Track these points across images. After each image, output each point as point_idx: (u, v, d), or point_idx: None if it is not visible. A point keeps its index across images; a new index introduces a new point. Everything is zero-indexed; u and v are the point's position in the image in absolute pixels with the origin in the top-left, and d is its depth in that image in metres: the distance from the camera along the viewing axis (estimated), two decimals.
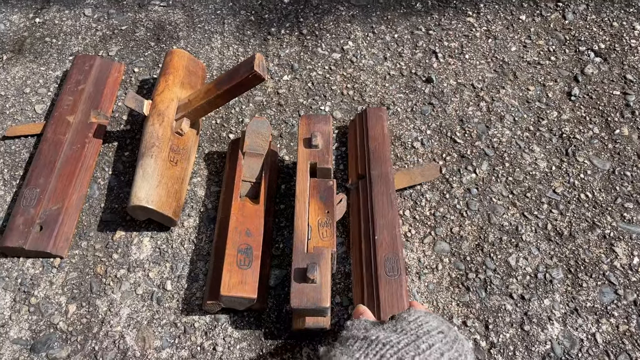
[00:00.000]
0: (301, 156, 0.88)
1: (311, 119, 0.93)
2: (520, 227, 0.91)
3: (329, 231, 0.81)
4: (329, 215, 0.83)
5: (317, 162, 0.87)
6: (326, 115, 0.95)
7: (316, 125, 0.92)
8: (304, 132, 0.91)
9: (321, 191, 0.87)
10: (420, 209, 0.94)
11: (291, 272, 0.74)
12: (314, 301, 0.71)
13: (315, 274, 0.72)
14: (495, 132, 1.04)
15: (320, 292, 0.71)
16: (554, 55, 1.16)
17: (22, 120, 1.09)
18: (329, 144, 0.89)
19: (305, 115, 0.94)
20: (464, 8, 1.27)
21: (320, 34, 1.24)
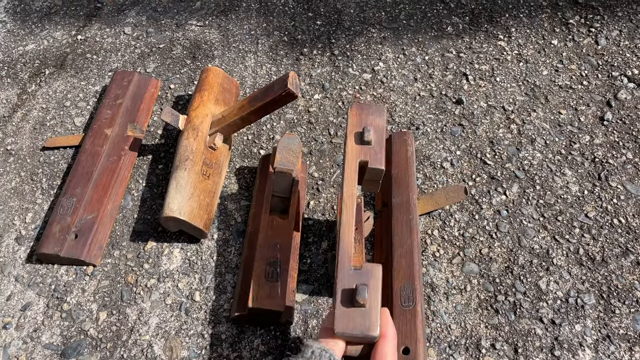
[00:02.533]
0: (350, 153, 0.71)
1: (363, 109, 0.76)
2: (551, 251, 0.90)
3: (358, 247, 0.81)
4: (357, 232, 0.84)
5: (368, 160, 0.71)
6: (380, 105, 0.77)
7: (369, 117, 0.75)
8: (355, 125, 0.74)
9: None
10: (449, 229, 0.94)
11: (335, 290, 0.62)
12: (362, 328, 0.58)
13: (366, 298, 0.60)
14: (526, 154, 1.04)
15: (370, 317, 0.59)
16: (587, 80, 1.16)
17: (61, 132, 1.12)
18: (382, 141, 0.72)
19: (356, 105, 0.77)
20: (495, 32, 1.28)
21: (351, 54, 1.26)
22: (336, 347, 0.56)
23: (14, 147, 1.11)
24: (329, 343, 0.56)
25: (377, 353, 0.56)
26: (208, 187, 0.93)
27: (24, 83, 1.24)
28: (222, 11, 1.40)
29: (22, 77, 1.25)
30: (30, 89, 1.22)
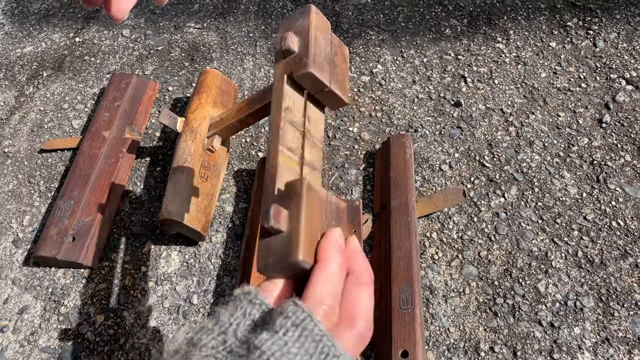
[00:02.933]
0: (277, 73, 0.59)
1: (288, 20, 0.61)
2: (550, 253, 0.90)
3: None
4: (355, 235, 0.83)
5: (292, 70, 0.56)
6: (307, 5, 0.60)
7: (292, 24, 0.59)
8: (279, 41, 0.58)
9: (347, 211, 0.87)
10: (447, 231, 0.93)
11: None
12: (280, 256, 0.44)
13: (279, 221, 0.45)
14: (524, 157, 1.03)
15: (290, 242, 0.44)
16: (585, 83, 1.16)
17: (59, 135, 1.12)
18: (310, 42, 0.56)
19: (285, 19, 0.61)
20: (494, 34, 1.28)
21: (349, 57, 1.26)
22: (271, 288, 0.43)
23: (12, 149, 1.10)
24: (263, 285, 0.44)
25: (309, 280, 0.42)
26: (206, 189, 0.93)
27: (21, 85, 1.24)
28: (221, 13, 1.40)
29: (20, 80, 1.25)
30: (28, 92, 1.22)
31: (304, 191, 0.46)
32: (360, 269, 0.45)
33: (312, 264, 0.44)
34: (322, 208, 0.48)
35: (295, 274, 0.45)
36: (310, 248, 0.44)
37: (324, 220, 0.47)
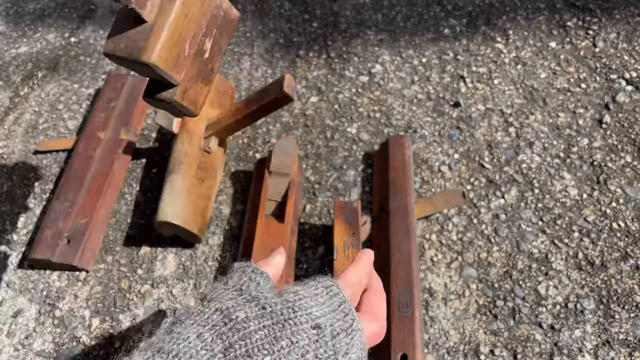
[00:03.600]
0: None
1: None
2: (550, 255, 0.89)
3: (355, 252, 0.80)
4: (354, 237, 0.82)
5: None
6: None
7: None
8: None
9: (346, 213, 0.86)
10: (447, 233, 0.92)
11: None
12: (132, 49, 0.37)
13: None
14: (524, 158, 1.03)
15: (147, 37, 0.37)
16: (585, 83, 1.15)
17: (54, 136, 1.11)
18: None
19: None
20: (493, 34, 1.27)
21: (348, 57, 1.25)
22: (268, 266, 0.45)
23: (6, 150, 1.09)
24: (262, 262, 0.46)
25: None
26: (203, 191, 0.91)
27: (16, 86, 1.22)
28: None
29: (15, 80, 1.24)
30: (23, 92, 1.21)
31: None
32: (379, 283, 0.49)
33: (166, 73, 0.38)
34: (204, 8, 0.39)
35: (148, 80, 0.40)
36: (169, 53, 0.37)
37: (202, 25, 0.39)
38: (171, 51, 0.38)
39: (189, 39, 0.39)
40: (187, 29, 0.38)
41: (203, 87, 0.42)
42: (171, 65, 0.38)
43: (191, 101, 0.41)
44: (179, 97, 0.40)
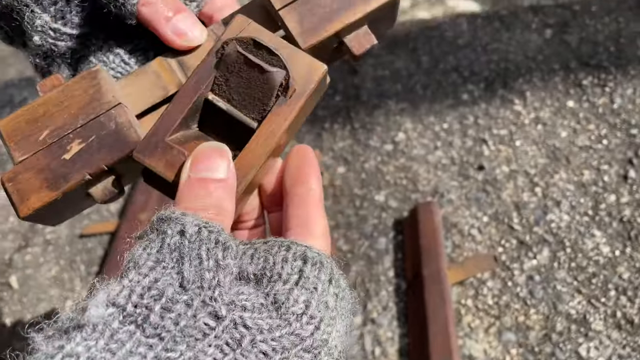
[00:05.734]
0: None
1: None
2: (589, 315, 0.89)
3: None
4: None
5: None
6: None
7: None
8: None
9: None
10: (482, 297, 0.93)
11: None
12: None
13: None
14: (553, 217, 1.04)
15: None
16: (606, 139, 1.17)
17: (97, 219, 1.17)
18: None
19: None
20: (510, 97, 1.31)
21: (371, 127, 1.30)
22: (208, 208, 0.28)
23: (53, 236, 1.15)
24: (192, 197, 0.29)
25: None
26: None
27: None
28: None
29: None
30: None
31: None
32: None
33: (6, 144, 0.34)
34: (87, 109, 0.34)
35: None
36: (17, 126, 0.34)
37: (77, 123, 0.33)
38: (20, 124, 0.33)
39: (51, 125, 0.33)
40: (52, 114, 0.33)
41: (43, 187, 0.32)
42: (14, 136, 0.33)
43: (18, 192, 0.33)
44: (6, 177, 0.33)
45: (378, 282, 0.99)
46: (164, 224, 0.26)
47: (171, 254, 0.25)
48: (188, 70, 0.34)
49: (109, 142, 0.33)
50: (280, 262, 0.27)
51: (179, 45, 0.34)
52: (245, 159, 0.31)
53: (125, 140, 0.32)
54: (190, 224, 0.26)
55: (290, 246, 0.28)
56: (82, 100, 0.33)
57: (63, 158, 0.32)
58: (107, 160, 0.32)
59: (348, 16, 0.32)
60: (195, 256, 0.25)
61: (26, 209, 0.32)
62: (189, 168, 0.29)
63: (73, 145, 0.33)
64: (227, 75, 0.32)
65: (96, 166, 0.32)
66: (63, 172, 0.32)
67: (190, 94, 0.32)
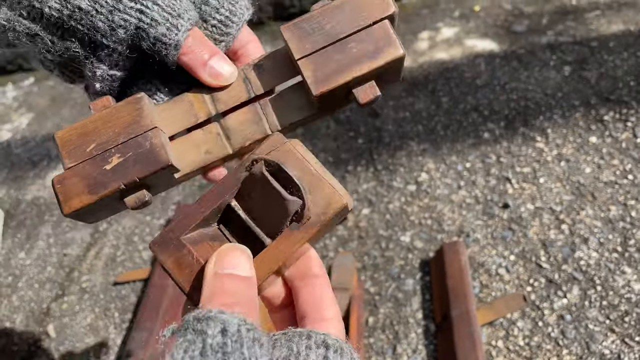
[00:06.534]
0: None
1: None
2: (623, 355, 0.87)
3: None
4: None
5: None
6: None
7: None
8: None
9: None
10: (513, 338, 0.92)
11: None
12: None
13: None
14: (581, 254, 1.03)
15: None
16: (631, 174, 1.17)
17: (131, 267, 1.20)
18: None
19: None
20: (532, 134, 1.32)
21: (394, 168, 1.32)
22: (236, 305, 0.29)
23: (89, 284, 1.19)
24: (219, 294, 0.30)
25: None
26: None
27: (96, 223, 1.35)
28: None
29: None
30: (102, 228, 1.33)
31: None
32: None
33: (58, 148, 0.38)
34: (130, 127, 0.39)
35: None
36: (70, 135, 0.39)
37: (119, 138, 0.38)
38: (72, 136, 0.39)
39: (98, 140, 0.38)
40: (100, 131, 0.38)
41: (85, 191, 0.37)
42: (67, 146, 0.38)
43: (64, 193, 0.37)
44: (56, 179, 0.38)
45: (407, 325, 0.99)
46: (202, 323, 0.26)
47: (215, 355, 0.25)
48: (218, 103, 0.40)
49: (143, 159, 0.37)
50: (304, 350, 0.28)
51: (213, 85, 0.39)
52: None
53: (157, 159, 0.37)
54: (231, 322, 0.26)
55: (311, 334, 0.29)
56: (126, 121, 0.38)
57: (104, 168, 0.37)
58: (140, 173, 0.37)
59: (356, 70, 0.37)
60: (239, 356, 0.25)
61: (68, 208, 0.37)
62: (214, 264, 0.30)
63: (114, 158, 0.37)
64: (251, 189, 0.35)
65: (130, 178, 0.37)
66: (103, 180, 0.37)
67: (215, 198, 0.35)
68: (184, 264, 0.33)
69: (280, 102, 0.41)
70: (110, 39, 0.36)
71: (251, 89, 0.40)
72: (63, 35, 0.36)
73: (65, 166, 0.38)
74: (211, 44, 0.39)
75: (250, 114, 0.40)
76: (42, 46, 0.37)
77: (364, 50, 0.37)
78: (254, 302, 0.30)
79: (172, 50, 0.37)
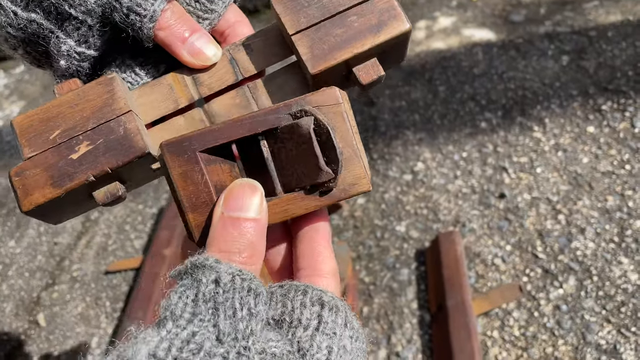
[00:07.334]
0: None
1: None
2: (619, 346, 0.86)
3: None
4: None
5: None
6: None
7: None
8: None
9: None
10: (508, 329, 0.92)
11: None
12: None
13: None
14: (578, 245, 1.02)
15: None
16: (629, 164, 1.16)
17: (122, 256, 1.19)
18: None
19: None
20: (529, 124, 1.31)
21: (390, 157, 1.31)
22: (251, 257, 0.29)
23: (79, 273, 1.17)
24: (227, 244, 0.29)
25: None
26: None
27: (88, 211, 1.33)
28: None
29: None
30: (93, 216, 1.31)
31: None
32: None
33: (18, 139, 0.34)
34: (98, 112, 0.35)
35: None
36: (30, 122, 0.35)
37: (88, 125, 0.35)
38: (34, 122, 0.34)
39: (63, 126, 0.34)
40: (65, 115, 0.34)
41: (48, 184, 0.33)
42: (27, 133, 0.34)
43: (24, 186, 0.33)
44: (14, 171, 0.34)
45: (402, 315, 0.98)
46: (198, 271, 0.27)
47: (206, 304, 0.25)
48: (201, 86, 0.36)
49: (115, 147, 0.33)
50: (299, 307, 0.28)
51: (194, 65, 0.35)
52: None
53: (131, 146, 0.33)
54: (224, 272, 0.26)
55: (307, 290, 0.28)
56: (95, 105, 0.34)
57: (70, 158, 0.33)
58: (112, 163, 0.33)
59: (357, 46, 0.33)
60: (230, 306, 0.25)
61: (29, 203, 0.33)
62: (222, 205, 0.29)
63: (81, 146, 0.33)
64: (287, 137, 0.31)
65: (100, 168, 0.33)
66: (68, 171, 0.33)
67: (247, 128, 0.31)
68: (190, 180, 0.30)
69: (271, 85, 0.37)
70: (79, 9, 0.33)
71: (239, 71, 0.36)
72: (27, 5, 0.33)
73: (25, 156, 0.34)
74: (193, 21, 0.36)
75: (239, 98, 0.36)
76: (4, 19, 0.33)
77: (366, 24, 0.34)
78: (257, 248, 0.29)
79: (148, 22, 0.33)
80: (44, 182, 0.33)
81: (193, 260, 0.27)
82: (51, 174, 0.33)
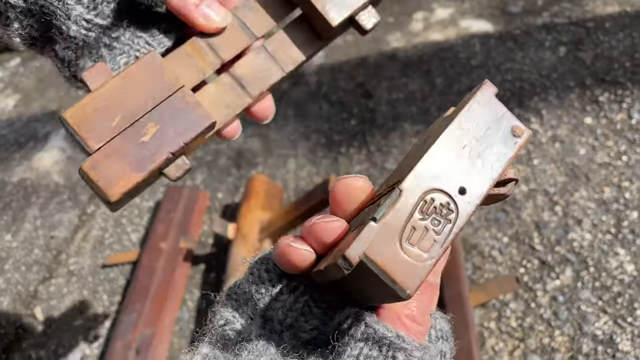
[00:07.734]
0: None
1: None
2: (615, 336, 0.87)
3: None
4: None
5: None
6: None
7: None
8: None
9: None
10: (505, 320, 0.92)
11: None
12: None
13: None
14: (574, 236, 1.03)
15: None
16: (626, 155, 1.16)
17: (119, 249, 1.19)
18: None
19: None
20: (527, 115, 1.31)
21: (387, 150, 1.31)
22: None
23: (76, 267, 1.17)
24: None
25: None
26: None
27: (83, 205, 1.33)
28: None
29: (82, 200, 1.34)
30: (90, 210, 1.31)
31: None
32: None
33: (77, 134, 0.33)
34: (154, 88, 0.35)
35: None
36: (84, 112, 0.34)
37: (147, 106, 0.35)
38: (87, 113, 0.34)
39: (122, 111, 0.34)
40: (120, 101, 0.34)
41: (128, 170, 0.33)
42: (84, 126, 0.33)
43: (104, 178, 0.33)
44: (88, 166, 0.33)
45: None
46: (260, 266, 0.26)
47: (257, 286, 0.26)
48: (219, 50, 0.37)
49: (183, 122, 0.34)
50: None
51: (209, 29, 0.36)
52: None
53: (199, 118, 0.34)
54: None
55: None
56: (147, 85, 0.34)
57: (142, 141, 0.33)
58: (185, 138, 0.33)
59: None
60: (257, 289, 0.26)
61: (117, 193, 0.32)
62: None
63: (148, 128, 0.33)
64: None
65: (176, 145, 0.33)
66: (145, 154, 0.33)
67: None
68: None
69: (284, 41, 0.39)
70: None
71: (251, 32, 0.38)
72: None
73: (91, 149, 0.33)
74: None
75: (260, 58, 0.38)
76: None
77: None
78: None
79: None
80: (124, 169, 0.33)
81: (261, 257, 0.26)
82: (129, 161, 0.33)
